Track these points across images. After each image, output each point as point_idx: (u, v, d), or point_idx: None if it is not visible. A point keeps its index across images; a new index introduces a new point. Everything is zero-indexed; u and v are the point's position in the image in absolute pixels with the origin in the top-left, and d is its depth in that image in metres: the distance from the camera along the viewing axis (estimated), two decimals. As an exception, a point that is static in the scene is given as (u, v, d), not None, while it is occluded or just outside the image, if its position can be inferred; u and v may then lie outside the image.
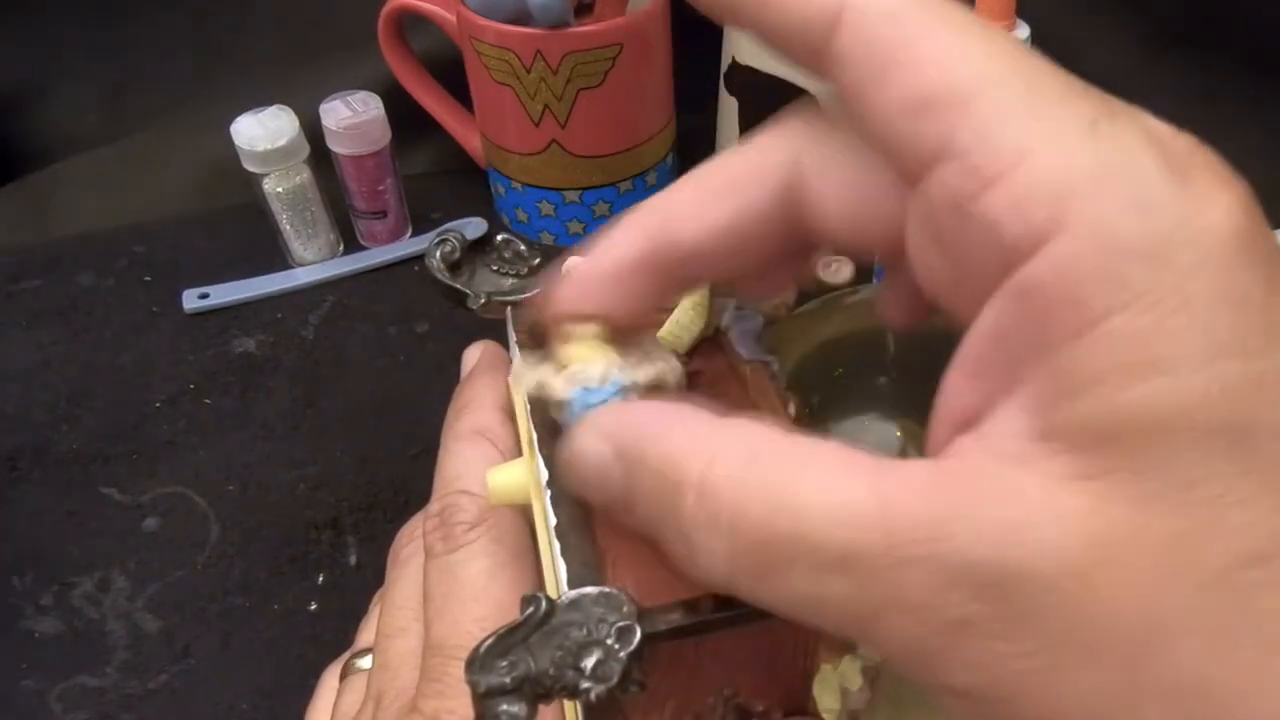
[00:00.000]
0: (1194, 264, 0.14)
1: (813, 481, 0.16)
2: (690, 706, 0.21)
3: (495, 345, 0.32)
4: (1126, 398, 0.14)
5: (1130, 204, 0.14)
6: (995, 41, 0.16)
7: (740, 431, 0.17)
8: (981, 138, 0.15)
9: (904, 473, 0.16)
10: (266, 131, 0.57)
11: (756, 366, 0.26)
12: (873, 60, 0.17)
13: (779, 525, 0.16)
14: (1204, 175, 0.15)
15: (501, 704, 0.17)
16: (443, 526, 0.27)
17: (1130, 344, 0.14)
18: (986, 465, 0.15)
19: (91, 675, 0.42)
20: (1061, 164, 0.15)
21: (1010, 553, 0.14)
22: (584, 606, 0.18)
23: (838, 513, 0.15)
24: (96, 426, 0.53)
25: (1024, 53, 0.16)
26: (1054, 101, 0.15)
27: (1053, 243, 0.14)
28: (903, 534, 0.15)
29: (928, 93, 0.16)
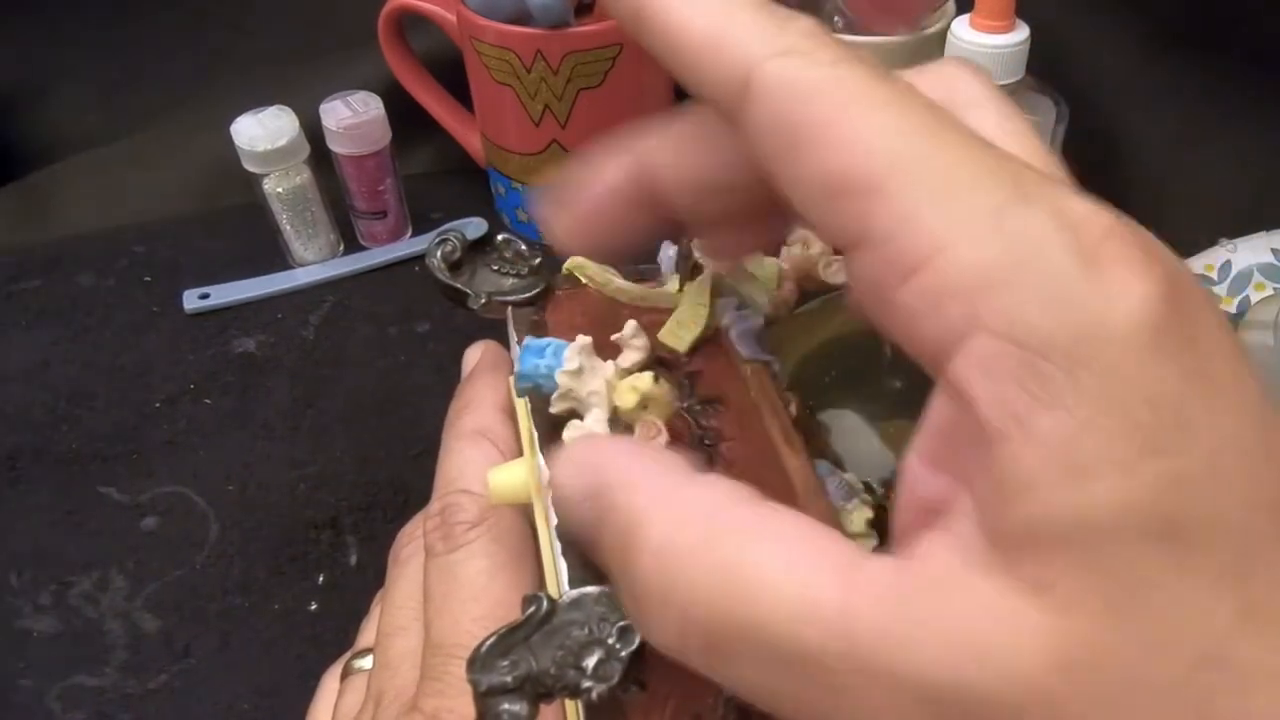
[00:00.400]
0: (1112, 361, 0.14)
1: (775, 567, 0.15)
2: (691, 707, 0.21)
3: (496, 345, 0.32)
4: (1062, 504, 0.14)
5: (1042, 300, 0.14)
6: (906, 115, 0.15)
7: (707, 496, 0.17)
8: (895, 228, 0.15)
9: (871, 571, 0.15)
10: (266, 131, 0.57)
11: (757, 366, 0.26)
12: (780, 137, 0.16)
13: (734, 611, 0.15)
14: (1117, 261, 0.14)
15: (503, 703, 0.17)
16: (443, 526, 0.27)
17: (1058, 449, 0.14)
18: (950, 573, 0.15)
19: (90, 675, 0.42)
20: (974, 257, 0.14)
21: (977, 677, 0.14)
22: (585, 606, 0.18)
23: (797, 608, 0.15)
24: (96, 426, 0.53)
25: (936, 125, 0.15)
26: (968, 185, 0.15)
27: (971, 341, 0.14)
28: (864, 643, 0.14)
29: (840, 179, 0.15)
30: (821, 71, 0.16)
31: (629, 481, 0.17)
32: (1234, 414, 0.14)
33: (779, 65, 0.16)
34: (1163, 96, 0.57)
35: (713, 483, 0.17)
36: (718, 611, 0.15)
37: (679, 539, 0.16)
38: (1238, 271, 0.49)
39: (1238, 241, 0.50)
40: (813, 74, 0.16)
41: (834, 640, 0.14)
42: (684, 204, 0.20)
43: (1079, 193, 0.15)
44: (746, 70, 0.16)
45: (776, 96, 0.16)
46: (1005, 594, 0.14)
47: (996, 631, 0.14)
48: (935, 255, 0.14)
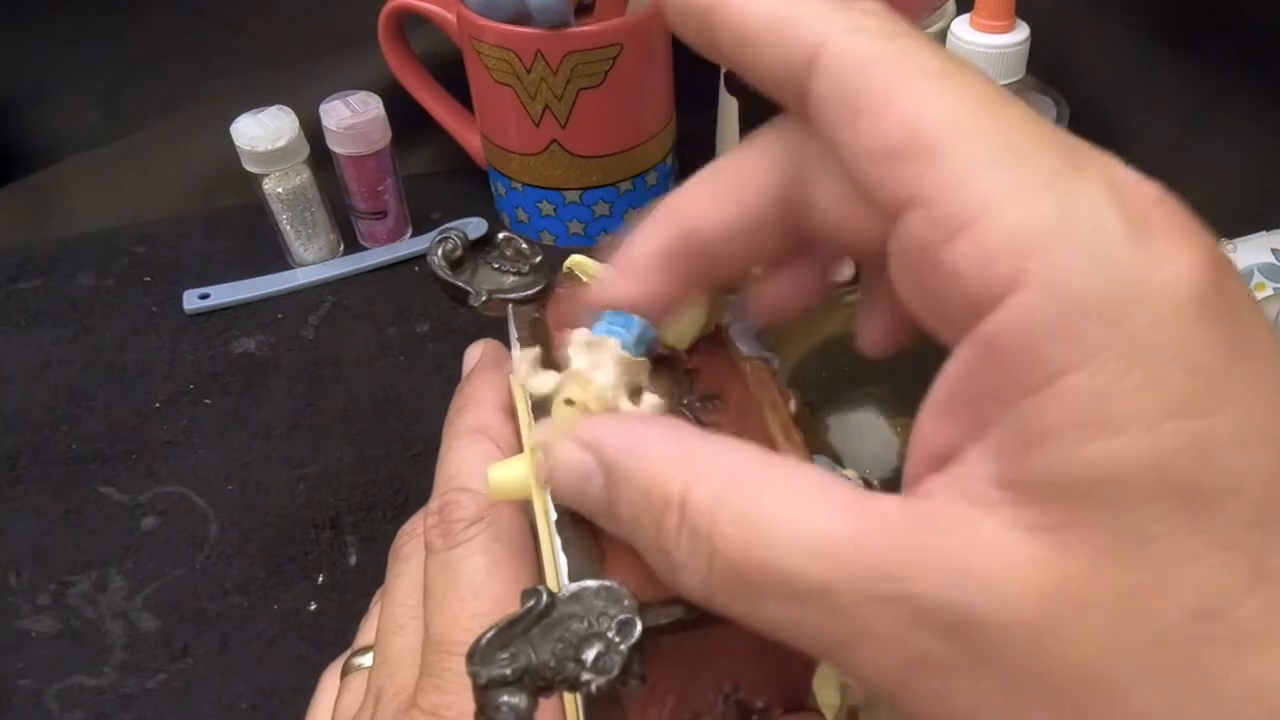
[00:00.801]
0: (1149, 323, 0.14)
1: (788, 511, 0.16)
2: (690, 702, 0.21)
3: (496, 344, 0.32)
4: (1081, 455, 0.14)
5: (1089, 261, 0.14)
6: (965, 87, 0.16)
7: (722, 452, 0.18)
8: (947, 189, 0.15)
9: (877, 509, 0.16)
10: (266, 131, 0.57)
11: (756, 363, 0.26)
12: (844, 106, 0.17)
13: (754, 554, 0.16)
14: (1166, 229, 0.15)
15: (502, 695, 0.17)
16: (442, 523, 0.27)
17: (1085, 403, 0.14)
18: (953, 508, 0.15)
19: (89, 675, 0.42)
20: (1023, 218, 0.15)
21: (970, 599, 0.15)
22: (585, 599, 0.18)
23: (810, 545, 0.16)
24: (96, 426, 0.53)
25: (994, 97, 0.16)
26: (1020, 151, 0.15)
27: (1013, 298, 0.15)
28: (872, 571, 0.15)
29: (895, 141, 0.16)
30: (886, 44, 0.17)
31: (643, 448, 0.18)
32: (1264, 386, 0.14)
33: (846, 40, 0.17)
34: (1163, 96, 0.57)
35: (722, 440, 0.18)
36: (740, 556, 0.16)
37: (701, 491, 0.17)
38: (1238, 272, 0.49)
39: (1238, 241, 0.50)
40: (878, 46, 0.17)
41: (843, 570, 0.15)
42: (724, 250, 0.21)
43: (1126, 165, 0.16)
44: (816, 46, 0.17)
45: (844, 67, 0.17)
46: (1004, 529, 0.15)
47: (992, 560, 0.15)
48: (985, 214, 0.15)
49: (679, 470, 0.17)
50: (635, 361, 0.23)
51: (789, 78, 0.18)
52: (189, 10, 0.73)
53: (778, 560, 0.16)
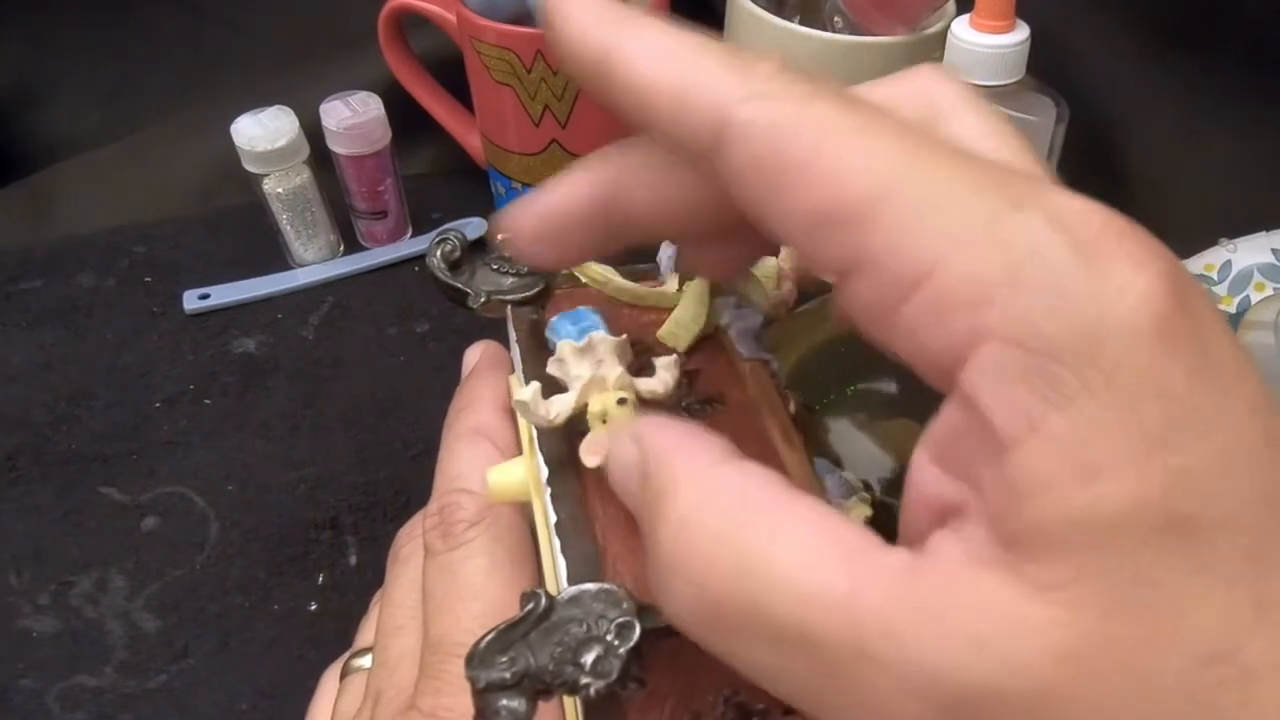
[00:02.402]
0: (1118, 358, 0.14)
1: (789, 549, 0.15)
2: (690, 704, 0.21)
3: (496, 345, 0.32)
4: (1074, 503, 0.14)
5: (1046, 303, 0.14)
6: (886, 139, 0.15)
7: (737, 479, 0.17)
8: (889, 250, 0.15)
9: (881, 562, 0.15)
10: (266, 131, 0.57)
11: (755, 365, 0.26)
12: (762, 176, 0.16)
13: (745, 590, 0.15)
14: (1117, 257, 0.14)
15: (501, 699, 0.17)
16: (442, 525, 0.27)
17: (1069, 449, 0.14)
18: (959, 570, 0.15)
19: (90, 675, 0.42)
20: (973, 269, 0.14)
21: (977, 668, 0.14)
22: (584, 603, 0.18)
23: (806, 591, 0.15)
24: (96, 426, 0.53)
25: (917, 144, 0.15)
26: (956, 199, 0.15)
27: (978, 352, 0.14)
28: (869, 630, 0.14)
29: (826, 209, 0.15)
30: (794, 109, 0.16)
31: (667, 455, 0.18)
32: (1240, 409, 0.14)
33: (751, 109, 0.16)
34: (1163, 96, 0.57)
35: (749, 468, 0.17)
36: (729, 588, 0.16)
37: (702, 514, 0.16)
38: (1238, 271, 0.49)
39: (1238, 241, 0.50)
40: (786, 112, 0.16)
41: (839, 626, 0.15)
42: (656, 227, 0.20)
43: (1068, 191, 0.15)
44: (719, 117, 0.16)
45: (752, 139, 0.16)
46: (1011, 590, 0.14)
47: (1001, 625, 0.14)
48: (933, 271, 0.15)
49: (694, 486, 0.17)
50: (619, 341, 0.23)
51: (695, 149, 0.17)
52: (189, 10, 0.73)
53: (768, 600, 0.15)
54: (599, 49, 0.18)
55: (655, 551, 0.17)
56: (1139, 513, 0.13)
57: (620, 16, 0.18)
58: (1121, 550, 0.14)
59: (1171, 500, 0.13)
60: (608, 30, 0.18)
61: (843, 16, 0.53)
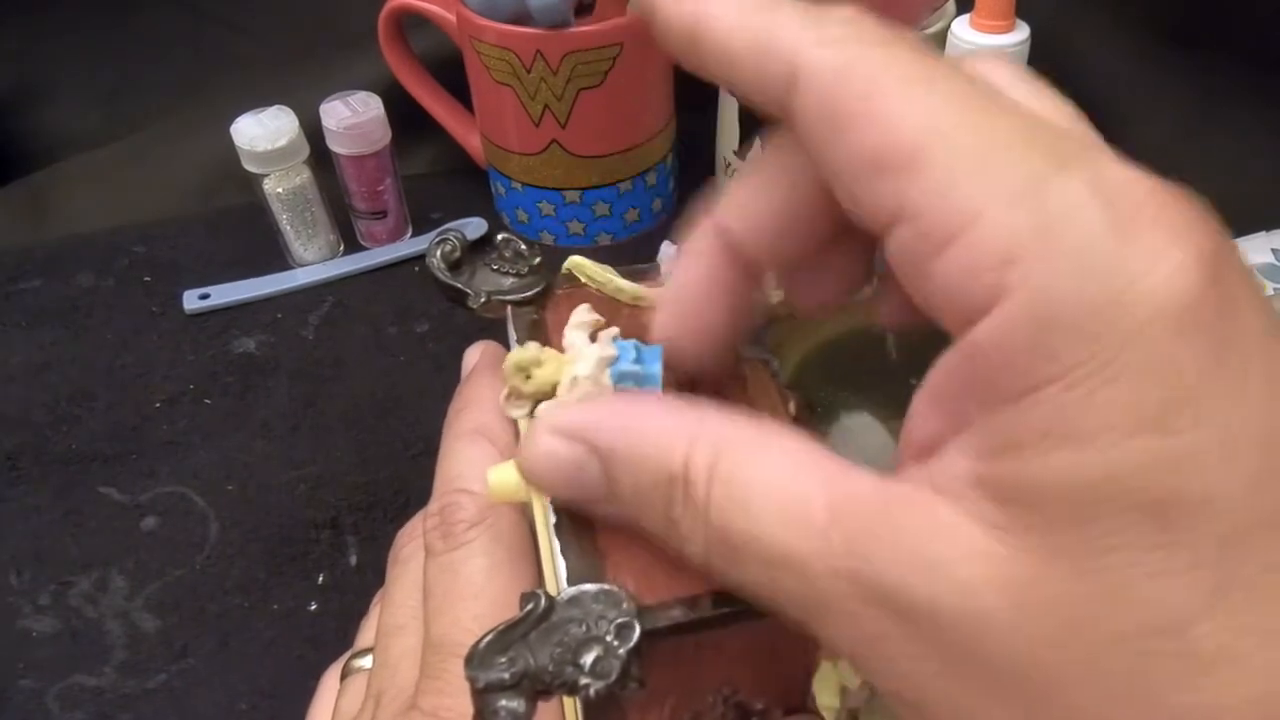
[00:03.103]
0: (1128, 335, 0.14)
1: (770, 479, 0.17)
2: (690, 704, 0.21)
3: (496, 345, 0.32)
4: (1049, 464, 0.14)
5: (1070, 270, 0.14)
6: (945, 90, 0.16)
7: (713, 419, 0.18)
8: (931, 200, 0.15)
9: (854, 485, 0.16)
10: (266, 131, 0.57)
11: (756, 365, 0.26)
12: (824, 121, 0.16)
13: (737, 520, 0.17)
14: (1154, 229, 0.14)
15: (500, 700, 0.17)
16: (442, 525, 0.27)
17: (1057, 414, 0.14)
18: (924, 496, 0.16)
19: (89, 675, 0.42)
20: (1006, 228, 0.15)
21: (924, 583, 0.15)
22: (583, 603, 0.18)
23: (787, 515, 0.16)
24: (96, 426, 0.53)
25: (976, 97, 0.16)
26: (1003, 155, 0.15)
27: (996, 309, 0.15)
28: (838, 545, 0.16)
29: (877, 154, 0.16)
30: (862, 52, 0.16)
31: (636, 426, 0.19)
32: (1256, 397, 0.14)
33: (821, 53, 0.16)
34: (1163, 96, 0.57)
35: (712, 408, 0.18)
36: (726, 522, 0.17)
37: (697, 461, 0.18)
38: (1238, 271, 0.49)
39: (1238, 241, 0.50)
40: (854, 55, 0.16)
41: (815, 543, 0.16)
42: (767, 254, 0.21)
43: (1120, 160, 0.15)
44: (792, 64, 0.17)
45: (820, 82, 0.16)
46: (967, 521, 0.15)
47: (950, 548, 0.15)
48: (969, 225, 0.15)
49: (677, 441, 0.18)
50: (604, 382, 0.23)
51: (774, 97, 0.17)
52: (189, 10, 0.73)
53: (757, 528, 0.16)
54: (690, 18, 0.18)
55: (669, 509, 0.18)
56: (1111, 486, 0.14)
57: None
58: (1081, 515, 0.14)
59: (1148, 478, 0.14)
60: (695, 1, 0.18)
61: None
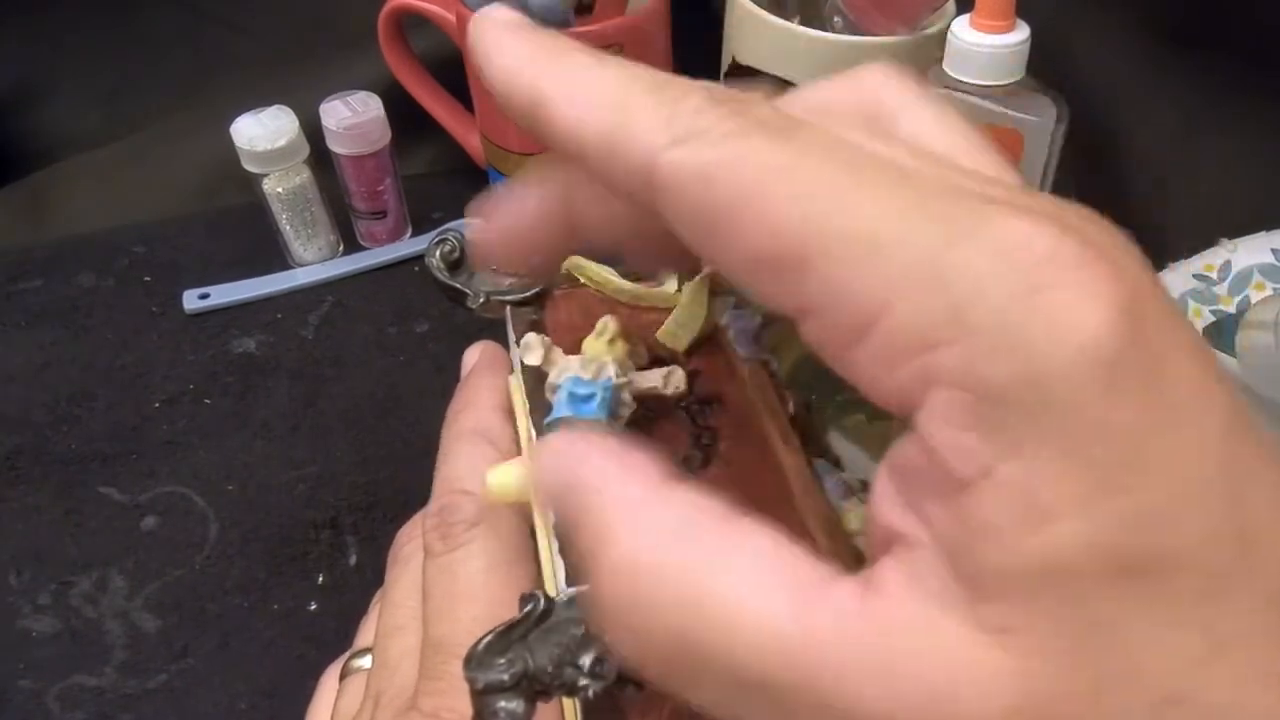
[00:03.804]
0: (1064, 403, 0.13)
1: (737, 589, 0.15)
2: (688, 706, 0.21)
3: (495, 345, 0.32)
4: (1026, 547, 0.13)
5: (991, 347, 0.13)
6: (821, 166, 0.15)
7: (674, 513, 0.16)
8: (832, 297, 0.14)
9: (832, 597, 0.15)
10: (266, 131, 0.57)
11: (755, 365, 0.26)
12: (695, 222, 0.15)
13: (693, 637, 0.15)
14: (1064, 287, 0.13)
15: (499, 701, 0.17)
16: (442, 526, 0.27)
17: (1019, 494, 0.13)
18: (912, 607, 0.14)
19: (89, 675, 0.42)
20: (915, 316, 0.14)
21: (931, 718, 0.14)
22: (583, 604, 0.18)
23: (758, 636, 0.14)
24: (96, 426, 0.53)
25: (855, 172, 0.15)
26: (895, 236, 0.14)
27: (929, 398, 0.14)
28: (822, 676, 0.14)
29: (763, 258, 0.15)
30: (719, 151, 0.15)
31: (599, 487, 0.17)
32: (1196, 443, 0.14)
33: (675, 155, 0.15)
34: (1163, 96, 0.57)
35: (682, 496, 0.16)
36: (677, 636, 0.15)
37: (642, 559, 0.15)
38: (1238, 271, 0.49)
39: (1238, 241, 0.50)
40: (711, 156, 0.15)
41: (792, 671, 0.14)
42: (611, 241, 0.20)
43: (1019, 208, 0.14)
44: (647, 164, 0.15)
45: (680, 187, 0.15)
46: (966, 636, 0.14)
47: (956, 674, 0.14)
48: (878, 318, 0.14)
49: (627, 526, 0.16)
50: None
51: (635, 192, 0.16)
52: (189, 10, 0.73)
53: (720, 645, 0.15)
54: (529, 96, 0.17)
55: (598, 596, 0.16)
56: (1090, 556, 0.13)
57: (547, 53, 0.17)
58: (1074, 594, 0.13)
59: (1122, 541, 0.13)
60: (536, 74, 0.17)
61: (843, 16, 0.53)
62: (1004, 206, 0.14)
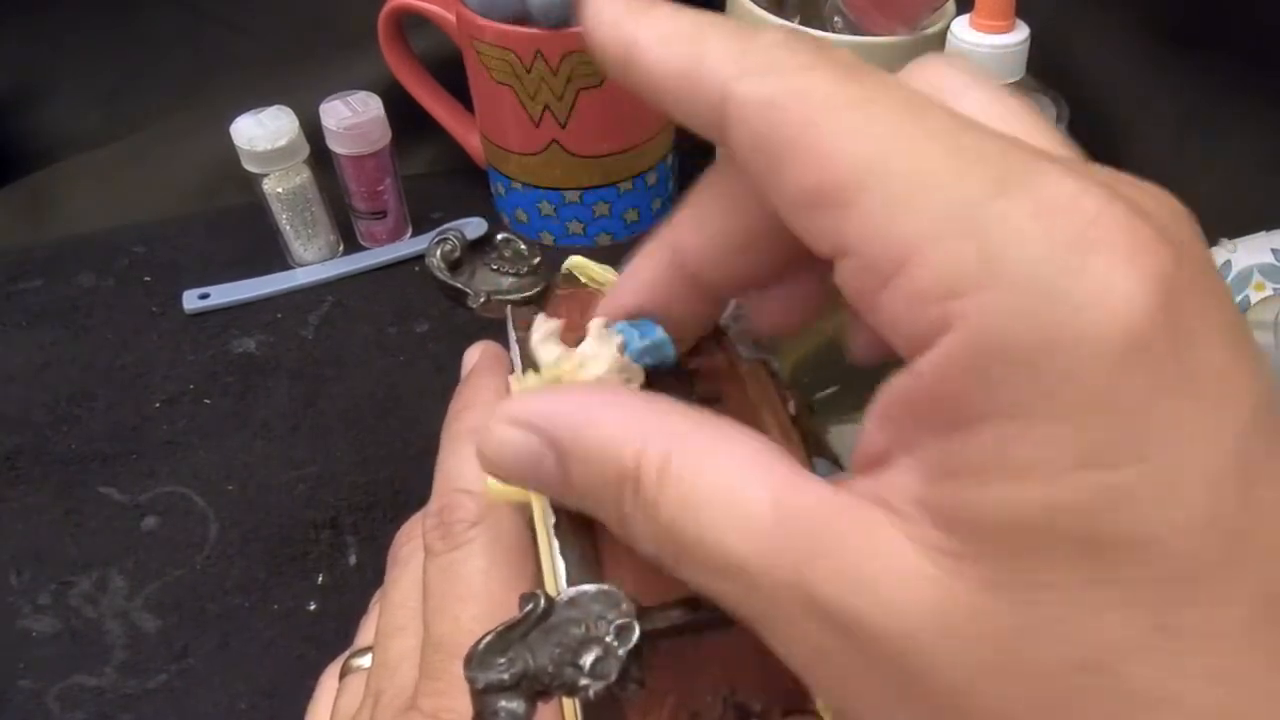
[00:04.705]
0: (1070, 368, 0.13)
1: (721, 481, 0.16)
2: (689, 705, 0.21)
3: (495, 345, 0.32)
4: (988, 496, 0.14)
5: (1012, 303, 0.13)
6: (880, 111, 0.15)
7: (671, 417, 0.18)
8: (870, 236, 0.15)
9: (804, 494, 0.16)
10: (266, 131, 0.57)
11: (755, 365, 0.26)
12: (759, 154, 0.16)
13: (684, 523, 0.16)
14: (1102, 253, 0.13)
15: (500, 700, 0.17)
16: (442, 525, 0.27)
17: (996, 447, 0.14)
18: (867, 511, 0.15)
19: (89, 675, 0.42)
20: (947, 260, 0.14)
21: (858, 602, 0.15)
22: (583, 604, 0.18)
23: (736, 522, 0.16)
24: (96, 426, 0.53)
25: (912, 117, 0.15)
26: (941, 179, 0.14)
27: (940, 342, 0.14)
28: (783, 557, 0.15)
29: (812, 191, 0.15)
30: (788, 82, 0.16)
31: (590, 420, 0.18)
32: (1209, 430, 0.13)
33: (747, 85, 0.16)
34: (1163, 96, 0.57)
35: (671, 405, 0.18)
36: (675, 525, 0.17)
37: (649, 460, 0.17)
38: (1238, 271, 0.49)
39: (1238, 241, 0.50)
40: (780, 87, 0.16)
41: (760, 553, 0.16)
42: (716, 273, 0.21)
43: (1073, 170, 0.14)
44: (720, 95, 0.16)
45: (749, 117, 0.16)
46: (907, 542, 0.15)
47: (887, 567, 0.15)
48: (910, 259, 0.14)
49: (631, 438, 0.18)
50: (631, 365, 0.23)
51: (709, 127, 0.17)
52: (189, 10, 0.73)
53: (704, 531, 0.16)
54: (623, 43, 0.18)
55: (619, 507, 0.18)
56: (1049, 522, 0.13)
57: (638, 6, 0.18)
58: (1016, 549, 0.14)
59: (1085, 514, 0.13)
60: (628, 23, 0.18)
61: (843, 16, 0.53)
62: (1056, 165, 0.14)
